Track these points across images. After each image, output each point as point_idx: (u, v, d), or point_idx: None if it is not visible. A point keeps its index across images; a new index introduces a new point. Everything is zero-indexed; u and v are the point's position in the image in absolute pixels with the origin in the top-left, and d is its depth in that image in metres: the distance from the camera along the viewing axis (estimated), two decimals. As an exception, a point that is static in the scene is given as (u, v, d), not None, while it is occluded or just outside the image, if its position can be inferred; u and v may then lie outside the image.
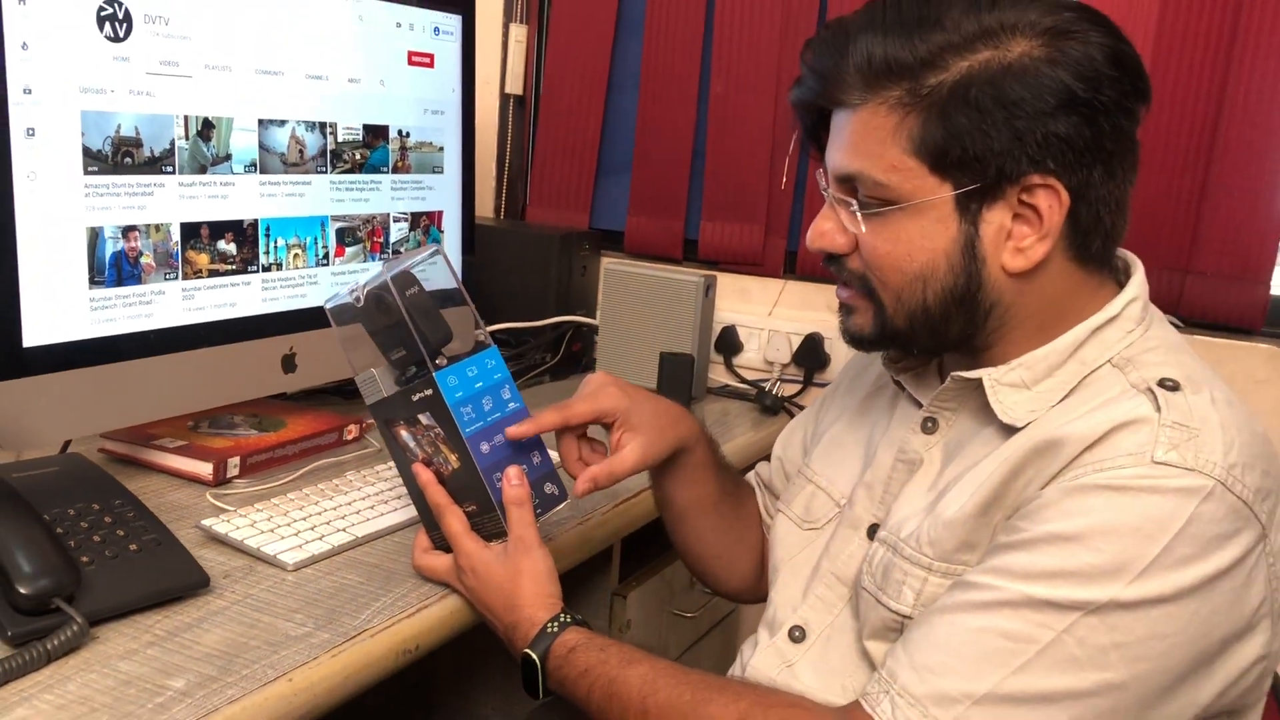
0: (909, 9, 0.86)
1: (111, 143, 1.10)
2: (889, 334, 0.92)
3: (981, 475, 0.87)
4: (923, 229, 0.86)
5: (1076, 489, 0.80)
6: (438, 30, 1.52)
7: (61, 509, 0.96)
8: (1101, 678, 0.76)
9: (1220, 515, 0.77)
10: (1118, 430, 0.80)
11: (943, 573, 0.88)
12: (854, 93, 0.86)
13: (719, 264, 1.94)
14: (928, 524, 0.89)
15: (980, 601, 0.80)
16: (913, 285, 0.88)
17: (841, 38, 0.87)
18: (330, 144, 1.37)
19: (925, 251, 0.87)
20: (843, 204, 0.90)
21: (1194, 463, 0.77)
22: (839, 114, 0.89)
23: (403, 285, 0.98)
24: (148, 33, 1.13)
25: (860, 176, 0.87)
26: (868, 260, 0.90)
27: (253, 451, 1.28)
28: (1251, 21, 1.54)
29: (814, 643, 0.98)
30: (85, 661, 0.85)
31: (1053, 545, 0.79)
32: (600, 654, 0.92)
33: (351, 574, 1.04)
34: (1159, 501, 0.77)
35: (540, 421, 1.01)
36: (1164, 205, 1.63)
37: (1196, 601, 0.77)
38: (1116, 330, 0.88)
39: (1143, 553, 0.76)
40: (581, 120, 2.03)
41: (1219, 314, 1.63)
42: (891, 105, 0.85)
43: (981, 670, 0.78)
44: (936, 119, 0.83)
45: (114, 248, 1.12)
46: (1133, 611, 0.76)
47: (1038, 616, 0.77)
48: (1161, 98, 1.59)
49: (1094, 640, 0.76)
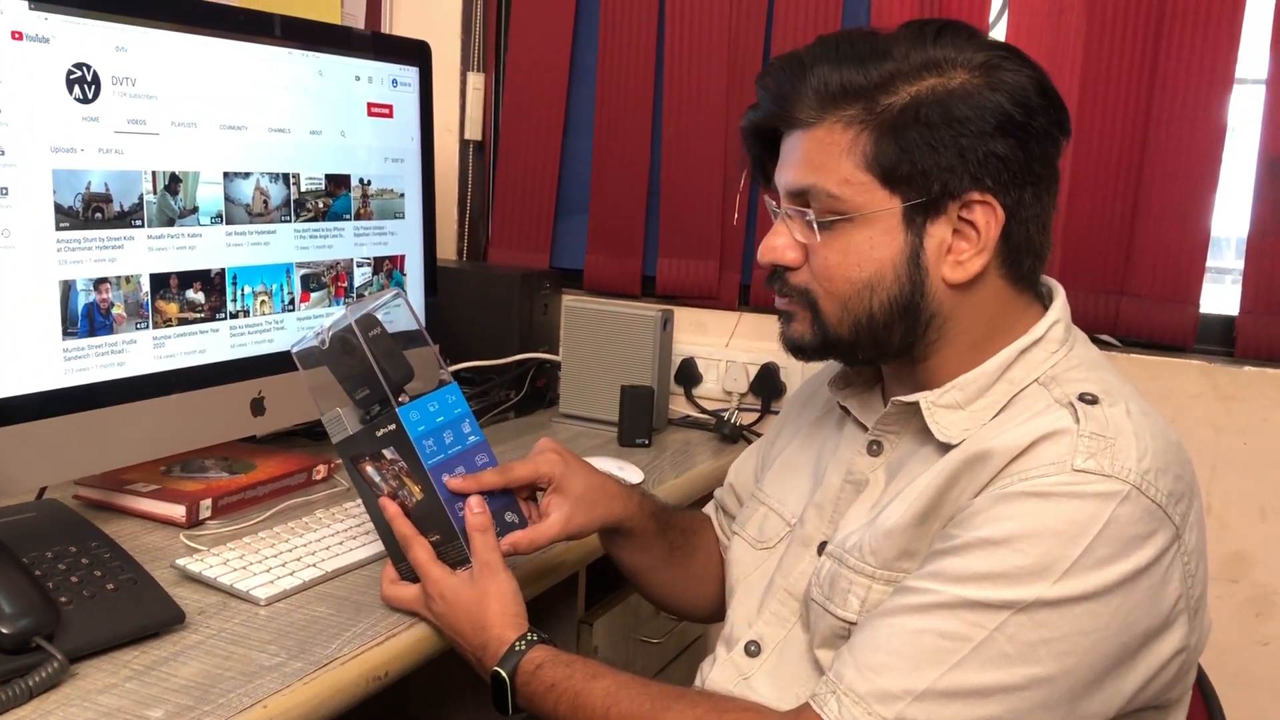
0: (860, 43, 0.94)
1: (82, 199, 1.15)
2: (830, 342, 0.98)
3: (919, 488, 0.93)
4: (871, 240, 0.93)
5: (1003, 497, 0.86)
6: (396, 82, 1.58)
7: (40, 552, 1.00)
8: (1031, 672, 0.82)
9: (1136, 517, 0.83)
10: (1041, 441, 0.87)
11: (885, 580, 0.93)
12: (810, 112, 0.93)
13: (676, 299, 2.00)
14: (869, 535, 0.95)
15: (918, 604, 0.86)
16: (860, 294, 0.94)
17: (798, 65, 0.94)
18: (294, 194, 1.42)
19: (874, 261, 0.93)
20: (797, 216, 0.96)
21: (1110, 469, 0.84)
22: (791, 136, 0.96)
23: (366, 327, 1.03)
24: (115, 93, 1.18)
25: (814, 190, 0.94)
26: (817, 271, 0.96)
27: (224, 493, 1.31)
28: (1170, 52, 1.63)
29: (769, 656, 1.03)
30: (66, 697, 0.88)
31: (983, 550, 0.84)
32: (566, 669, 0.97)
33: (322, 606, 1.08)
34: (1079, 505, 0.83)
35: (480, 480, 1.06)
36: (1097, 230, 1.70)
37: (1118, 598, 0.82)
38: (1042, 351, 0.95)
39: (1066, 554, 0.82)
40: (539, 163, 2.09)
41: (1153, 333, 1.70)
42: (846, 123, 0.92)
43: (921, 668, 0.83)
44: (889, 136, 0.90)
45: (86, 299, 1.16)
46: (1058, 609, 0.82)
47: (971, 616, 0.83)
48: (1090, 127, 1.68)
49: (1023, 637, 0.82)
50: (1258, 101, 1.62)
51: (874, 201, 0.92)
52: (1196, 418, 1.66)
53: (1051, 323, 0.96)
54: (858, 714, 0.84)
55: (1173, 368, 1.68)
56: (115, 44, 1.17)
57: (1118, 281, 1.71)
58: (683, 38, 1.93)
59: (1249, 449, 1.65)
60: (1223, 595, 1.67)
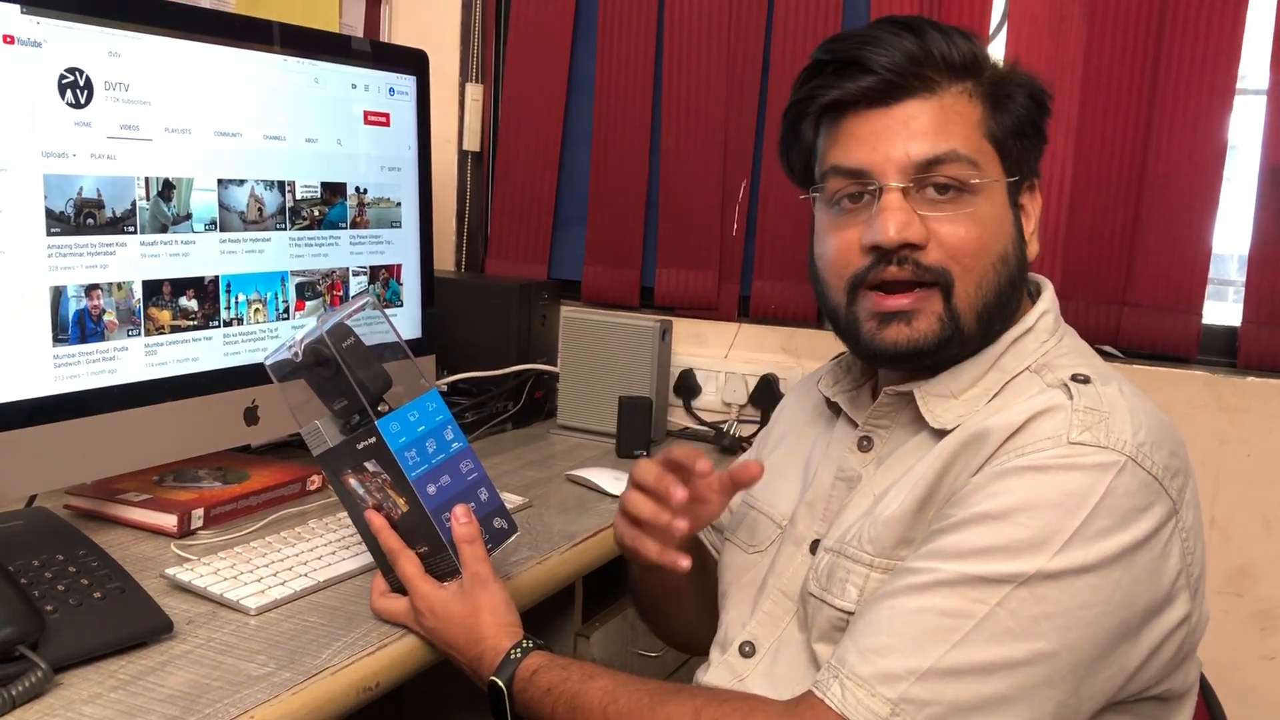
0: (933, 24, 0.95)
1: (74, 205, 1.14)
2: (956, 337, 0.93)
3: (916, 475, 0.93)
4: (997, 212, 0.94)
5: (1001, 473, 0.86)
6: (393, 90, 1.57)
7: (26, 560, 0.98)
8: (1034, 647, 0.81)
9: (1134, 489, 0.83)
10: (1036, 418, 0.87)
11: (883, 569, 0.92)
12: (939, 79, 0.93)
13: (675, 310, 1.99)
14: (867, 524, 0.94)
15: (918, 584, 0.85)
16: (996, 269, 0.93)
17: (905, 32, 0.93)
18: (289, 201, 1.41)
19: (1003, 234, 0.94)
20: (921, 188, 0.92)
21: (1106, 441, 0.84)
22: (902, 106, 0.92)
23: (338, 337, 1.01)
24: (108, 99, 1.17)
25: (953, 156, 0.92)
26: (953, 246, 0.92)
27: (217, 503, 1.30)
28: (1171, 62, 1.62)
29: (764, 656, 1.01)
30: (49, 707, 0.87)
31: (981, 524, 0.84)
32: (562, 672, 0.96)
33: (313, 616, 1.07)
34: (1077, 477, 0.83)
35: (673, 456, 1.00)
36: (1098, 240, 1.69)
37: (1119, 571, 0.82)
38: (1032, 341, 0.96)
39: (1065, 525, 0.81)
40: (537, 175, 2.08)
41: (1155, 344, 1.69)
42: (969, 94, 0.94)
43: (923, 647, 0.82)
44: (1001, 109, 0.94)
45: (77, 306, 1.15)
46: (1059, 581, 0.81)
47: (972, 593, 0.82)
48: (1091, 136, 1.67)
49: (1025, 611, 0.81)
50: (1259, 112, 1.61)
51: (995, 172, 0.94)
52: (1200, 429, 1.64)
53: (1041, 312, 0.98)
54: (861, 696, 0.82)
55: (1175, 379, 1.67)
56: (108, 49, 1.17)
57: (1119, 292, 1.70)
58: (682, 48, 1.93)
59: (1253, 460, 1.63)
60: (1227, 610, 1.65)
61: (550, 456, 1.74)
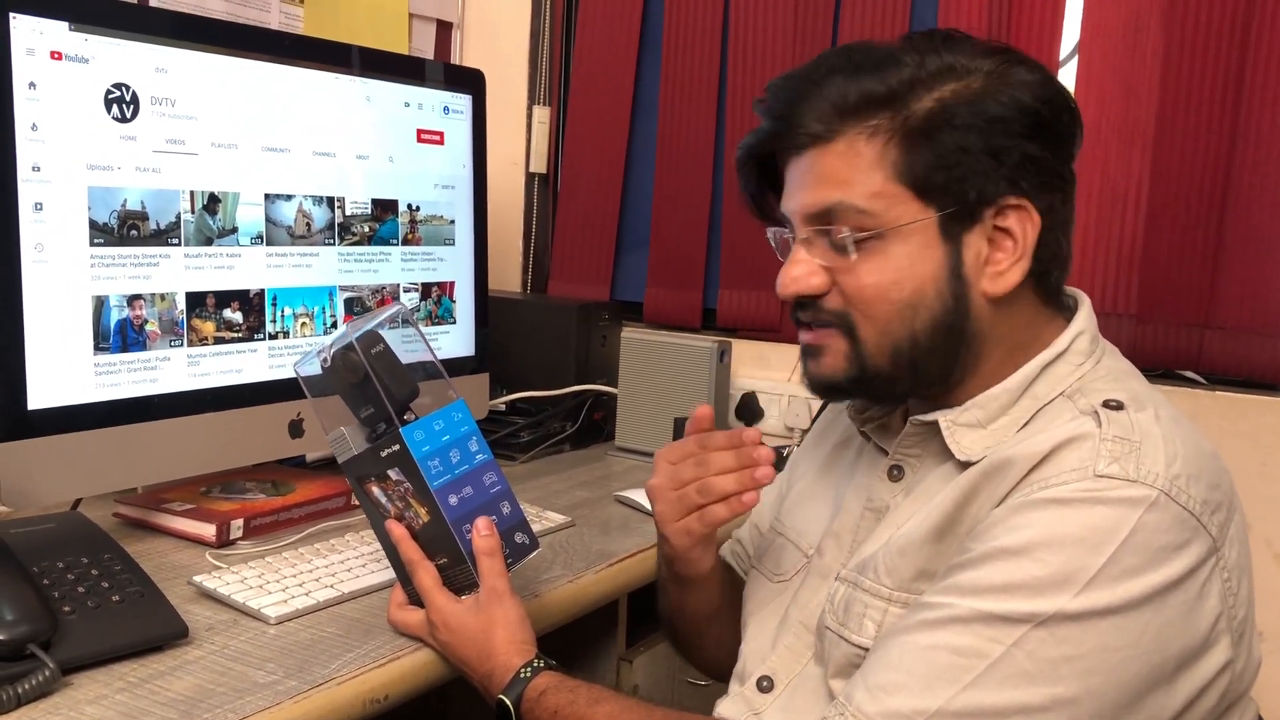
0: (864, 55, 0.89)
1: (118, 216, 1.17)
2: (867, 375, 0.90)
3: (935, 503, 0.88)
4: (910, 255, 0.87)
5: (1022, 505, 0.80)
6: (447, 109, 1.58)
7: (51, 562, 1.00)
8: (1053, 692, 0.75)
9: (1166, 525, 0.77)
10: (1061, 448, 0.81)
11: (902, 603, 0.87)
12: (826, 127, 0.87)
13: (737, 331, 1.95)
14: (883, 553, 0.90)
15: (931, 620, 0.80)
16: (902, 315, 0.88)
17: (805, 81, 0.89)
18: (338, 217, 1.42)
19: (914, 278, 0.87)
20: (820, 238, 0.89)
21: (1135, 474, 0.78)
22: (803, 156, 0.90)
23: (368, 344, 1.01)
24: (154, 113, 1.20)
25: (840, 207, 0.87)
26: (851, 295, 0.89)
27: (257, 514, 1.31)
28: (1258, 69, 1.53)
29: (781, 692, 0.97)
30: (54, 706, 0.87)
31: (1000, 560, 0.79)
32: (570, 694, 0.94)
33: (331, 627, 1.06)
34: (1103, 512, 0.77)
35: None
36: (1178, 260, 1.61)
37: (1148, 614, 0.76)
38: (1066, 365, 0.89)
39: (1088, 563, 0.76)
40: (601, 197, 2.08)
41: (1241, 369, 1.59)
42: (871, 135, 0.86)
43: (933, 687, 0.77)
44: (920, 143, 0.85)
45: (119, 315, 1.18)
46: (1081, 623, 0.75)
47: (988, 631, 0.77)
48: (1170, 151, 1.59)
49: (1044, 653, 0.75)
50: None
51: (908, 214, 0.86)
52: (1290, 460, 1.54)
53: (1076, 334, 0.91)
54: None
55: (1262, 406, 1.56)
56: (155, 65, 1.20)
57: (1202, 314, 1.61)
58: (745, 69, 1.90)
59: (1349, 495, 1.52)
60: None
61: (604, 477, 1.72)
